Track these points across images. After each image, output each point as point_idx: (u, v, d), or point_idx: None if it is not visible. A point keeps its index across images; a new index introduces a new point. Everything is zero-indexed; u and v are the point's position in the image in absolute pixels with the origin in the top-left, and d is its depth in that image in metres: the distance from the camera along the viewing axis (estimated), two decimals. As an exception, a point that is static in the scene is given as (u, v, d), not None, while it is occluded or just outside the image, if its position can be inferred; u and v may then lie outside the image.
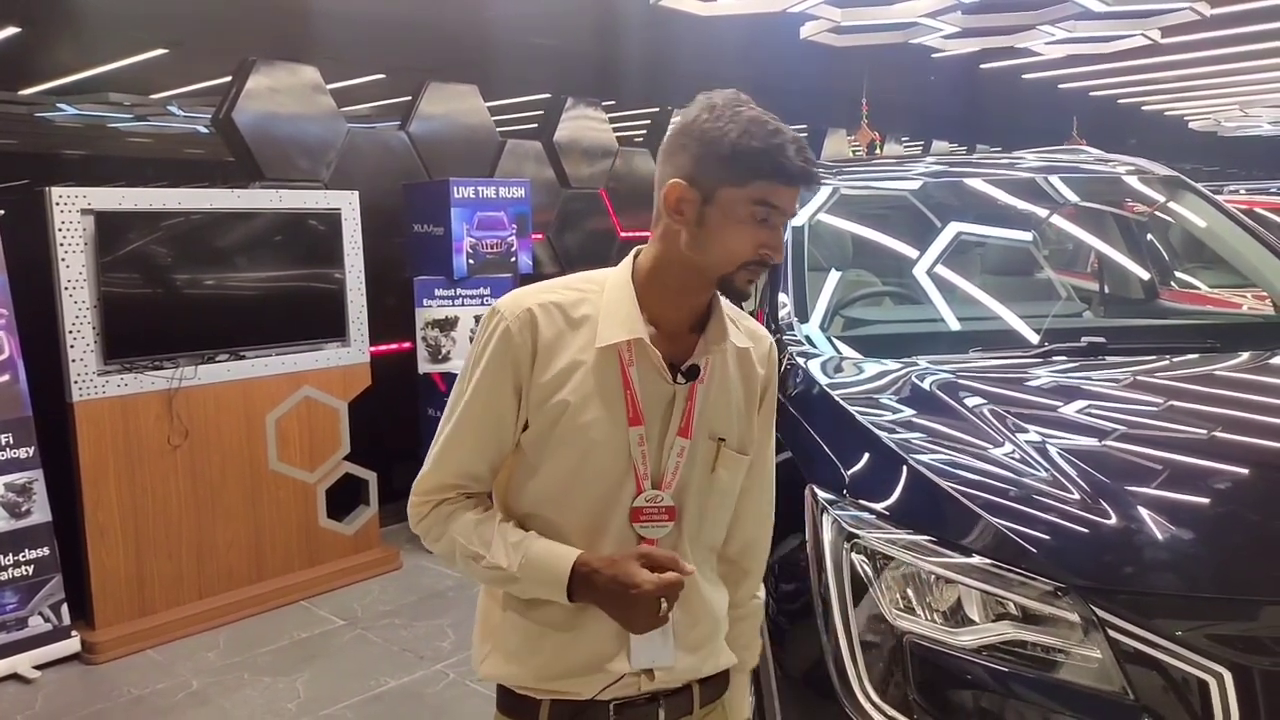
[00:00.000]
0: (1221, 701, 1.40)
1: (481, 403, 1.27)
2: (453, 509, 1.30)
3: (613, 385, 1.25)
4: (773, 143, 1.19)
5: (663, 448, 1.28)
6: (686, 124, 1.24)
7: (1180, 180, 3.37)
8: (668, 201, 1.23)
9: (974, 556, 1.59)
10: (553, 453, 1.26)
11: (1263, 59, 8.82)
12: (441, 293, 4.67)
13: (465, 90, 5.66)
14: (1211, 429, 1.98)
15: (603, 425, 1.25)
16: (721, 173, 1.20)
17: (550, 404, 1.24)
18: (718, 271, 1.23)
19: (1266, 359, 2.41)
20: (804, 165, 1.20)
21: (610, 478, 1.27)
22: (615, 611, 1.23)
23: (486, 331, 1.27)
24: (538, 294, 1.28)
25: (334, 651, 3.67)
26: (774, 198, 1.20)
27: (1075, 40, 6.03)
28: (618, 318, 1.26)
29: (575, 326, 1.26)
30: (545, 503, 1.29)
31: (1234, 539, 1.61)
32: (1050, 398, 2.18)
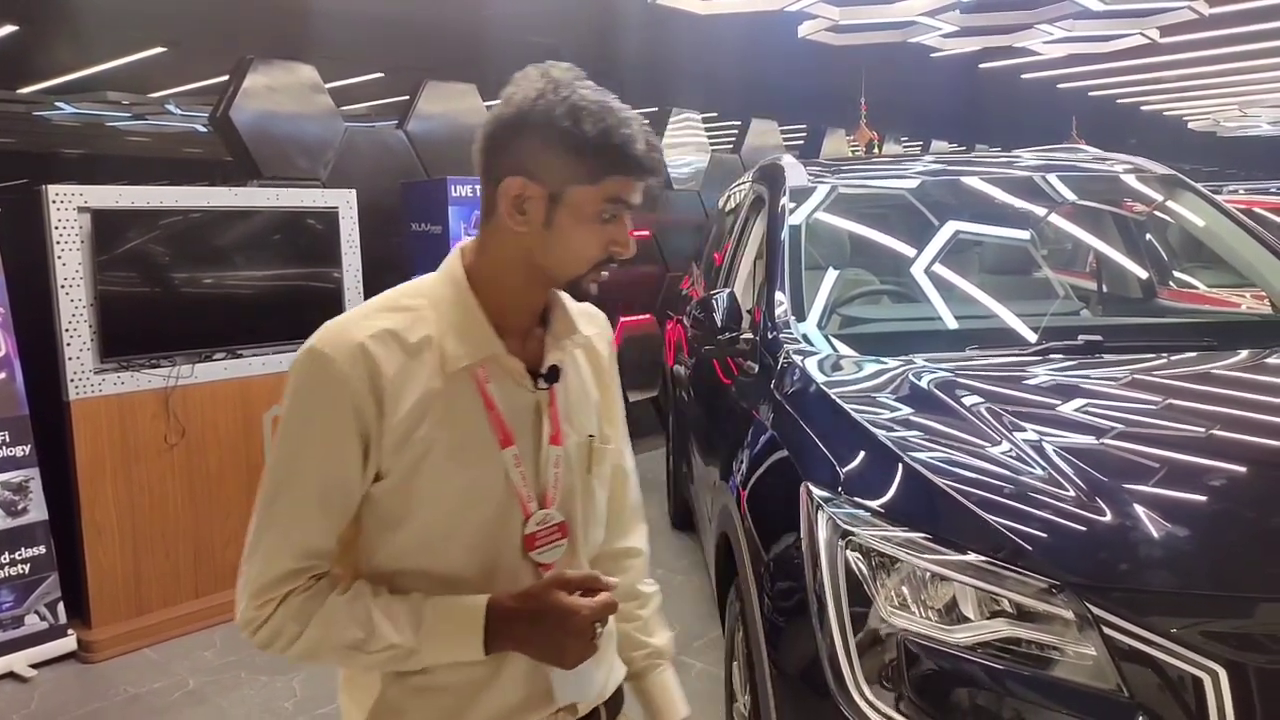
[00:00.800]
0: (1216, 699, 1.39)
1: (321, 465, 1.08)
2: (304, 599, 1.09)
3: (473, 409, 1.12)
4: (625, 134, 1.08)
5: (539, 462, 1.17)
6: (522, 109, 1.08)
7: (1178, 179, 3.37)
8: (505, 200, 1.09)
9: (969, 554, 1.59)
10: (422, 499, 1.10)
11: (1261, 59, 8.83)
12: (439, 291, 4.67)
13: (463, 89, 5.65)
14: (1209, 427, 1.97)
15: (472, 454, 1.12)
16: (572, 170, 1.07)
17: (409, 445, 1.08)
18: (567, 275, 1.13)
19: (1264, 357, 2.40)
20: (655, 157, 1.11)
21: (492, 508, 1.13)
22: (545, 649, 1.11)
23: (309, 378, 1.08)
24: (363, 323, 1.10)
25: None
26: (626, 193, 1.10)
27: (1074, 39, 6.03)
28: (464, 334, 1.12)
29: (416, 353, 1.10)
30: (420, 553, 1.12)
31: (1230, 536, 1.61)
32: (1047, 396, 2.18)
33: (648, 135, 1.10)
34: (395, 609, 1.09)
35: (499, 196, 1.10)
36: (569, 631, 1.09)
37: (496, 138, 1.10)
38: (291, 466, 1.10)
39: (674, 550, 4.64)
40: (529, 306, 1.18)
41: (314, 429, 1.08)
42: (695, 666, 3.43)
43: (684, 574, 4.33)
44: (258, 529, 1.10)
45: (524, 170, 1.08)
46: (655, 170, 1.11)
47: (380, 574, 1.14)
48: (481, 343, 1.13)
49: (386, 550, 1.13)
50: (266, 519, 1.10)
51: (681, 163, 7.16)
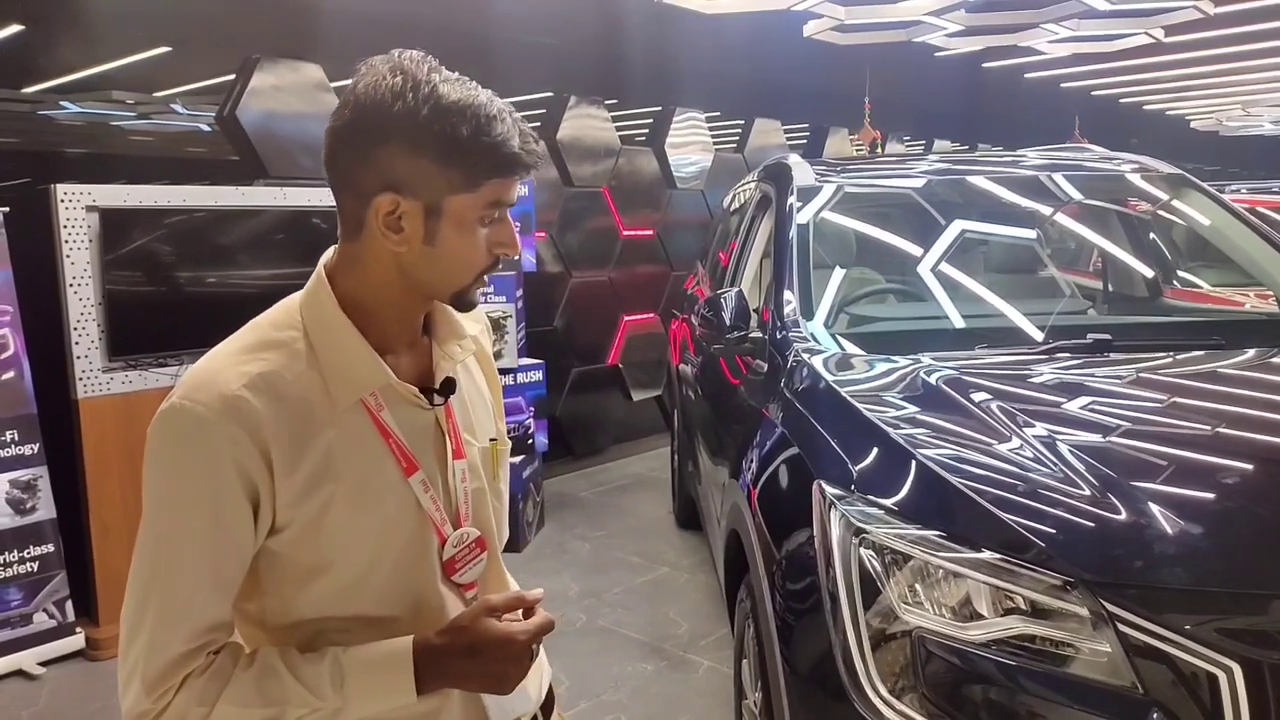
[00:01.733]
0: (1231, 695, 1.40)
1: (206, 535, 0.97)
2: (206, 679, 0.98)
3: (370, 442, 1.04)
4: (500, 132, 0.99)
5: (447, 481, 1.11)
6: (380, 113, 0.97)
7: (1184, 178, 3.38)
8: (379, 220, 1.00)
9: (983, 551, 1.60)
10: (332, 547, 1.02)
11: (1264, 58, 8.83)
12: (445, 290, 4.67)
13: (468, 88, 5.65)
14: (1218, 425, 1.98)
15: (380, 490, 1.04)
16: (448, 179, 0.99)
17: (309, 498, 1.00)
18: (453, 288, 1.05)
19: (1271, 355, 2.41)
20: (533, 150, 1.03)
21: (405, 540, 1.07)
22: (484, 681, 1.06)
23: (180, 442, 0.97)
24: (232, 371, 0.99)
25: (338, 648, 3.67)
26: (507, 194, 1.03)
27: (1078, 39, 6.04)
28: (350, 365, 1.03)
29: (300, 396, 1.01)
30: (336, 601, 1.05)
31: (1243, 533, 1.61)
32: (1057, 394, 2.19)
33: (520, 126, 1.02)
34: (311, 671, 1.00)
35: (369, 215, 1.00)
36: (508, 658, 1.05)
37: (353, 146, 1.00)
38: (170, 541, 0.98)
39: (679, 549, 4.65)
40: (410, 322, 1.11)
41: (192, 497, 0.97)
42: (702, 664, 3.44)
43: (689, 572, 4.34)
44: (138, 612, 0.99)
45: (393, 184, 0.99)
46: (535, 164, 1.05)
47: (293, 627, 1.06)
48: (369, 373, 1.04)
49: (299, 605, 1.05)
50: (147, 601, 0.98)
51: (686, 162, 7.16)
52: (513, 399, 4.80)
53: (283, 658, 1.01)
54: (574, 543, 4.83)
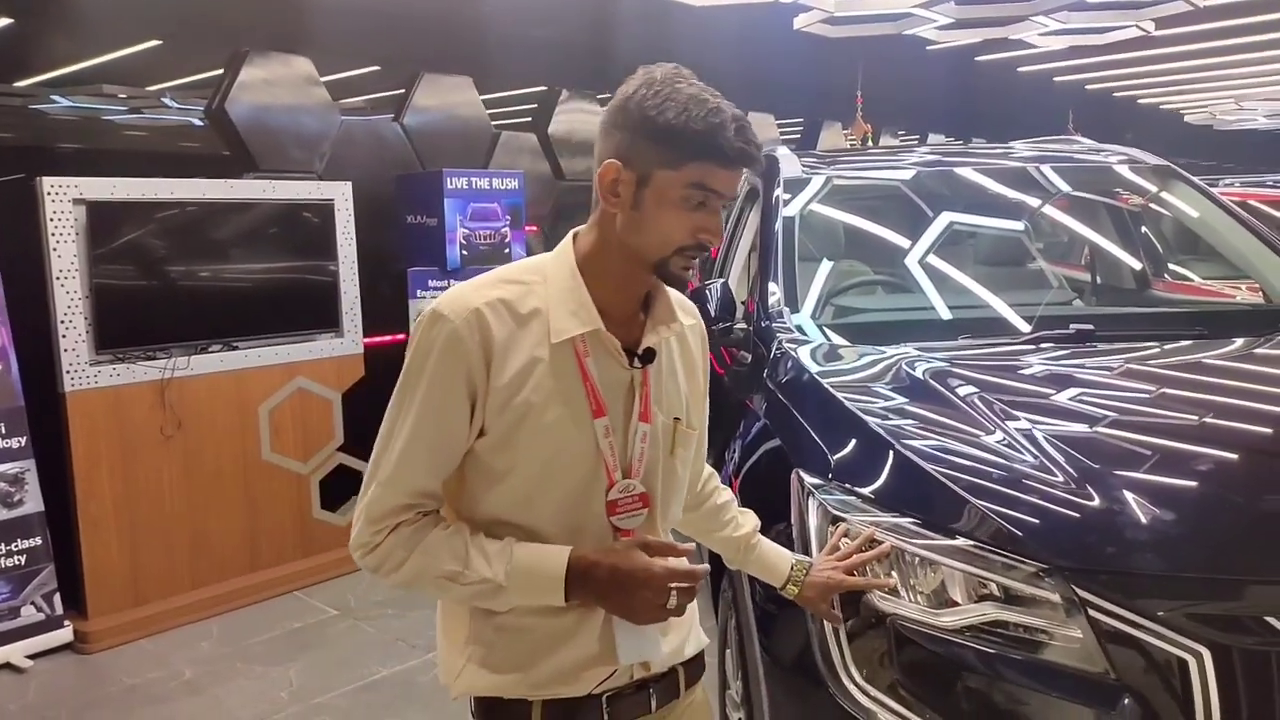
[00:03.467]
0: (1201, 680, 1.40)
1: (434, 415, 1.19)
2: (412, 530, 1.20)
3: (571, 379, 1.21)
4: (711, 122, 1.15)
5: (627, 435, 1.26)
6: (623, 100, 1.19)
7: (1172, 170, 3.38)
8: (603, 183, 1.20)
9: (957, 538, 1.60)
10: (518, 456, 1.20)
11: (1256, 51, 8.83)
12: (435, 284, 4.67)
13: (460, 82, 5.65)
14: (1198, 414, 1.98)
15: (567, 421, 1.21)
16: (656, 154, 1.16)
17: (511, 407, 1.18)
18: (653, 256, 1.20)
19: (1256, 346, 2.42)
20: (743, 146, 1.16)
21: (581, 473, 1.23)
22: (620, 604, 1.20)
23: (430, 337, 1.19)
24: (481, 291, 1.21)
25: (327, 641, 3.68)
26: (711, 180, 1.16)
27: (1069, 31, 6.03)
28: (569, 309, 1.21)
29: (525, 323, 1.20)
30: (514, 508, 1.23)
31: (1216, 520, 1.62)
32: (1038, 384, 2.19)
33: (740, 125, 1.16)
34: (488, 547, 1.19)
35: (596, 180, 1.21)
36: (645, 587, 1.18)
37: (603, 126, 1.22)
38: (407, 413, 1.20)
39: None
40: (631, 292, 1.26)
41: (429, 382, 1.18)
42: (690, 656, 3.44)
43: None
44: (375, 463, 1.22)
45: (618, 155, 1.18)
46: (742, 160, 1.16)
47: (478, 524, 1.24)
48: (585, 318, 1.21)
49: (485, 503, 1.23)
50: (383, 456, 1.21)
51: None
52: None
53: (470, 530, 1.22)
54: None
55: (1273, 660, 1.40)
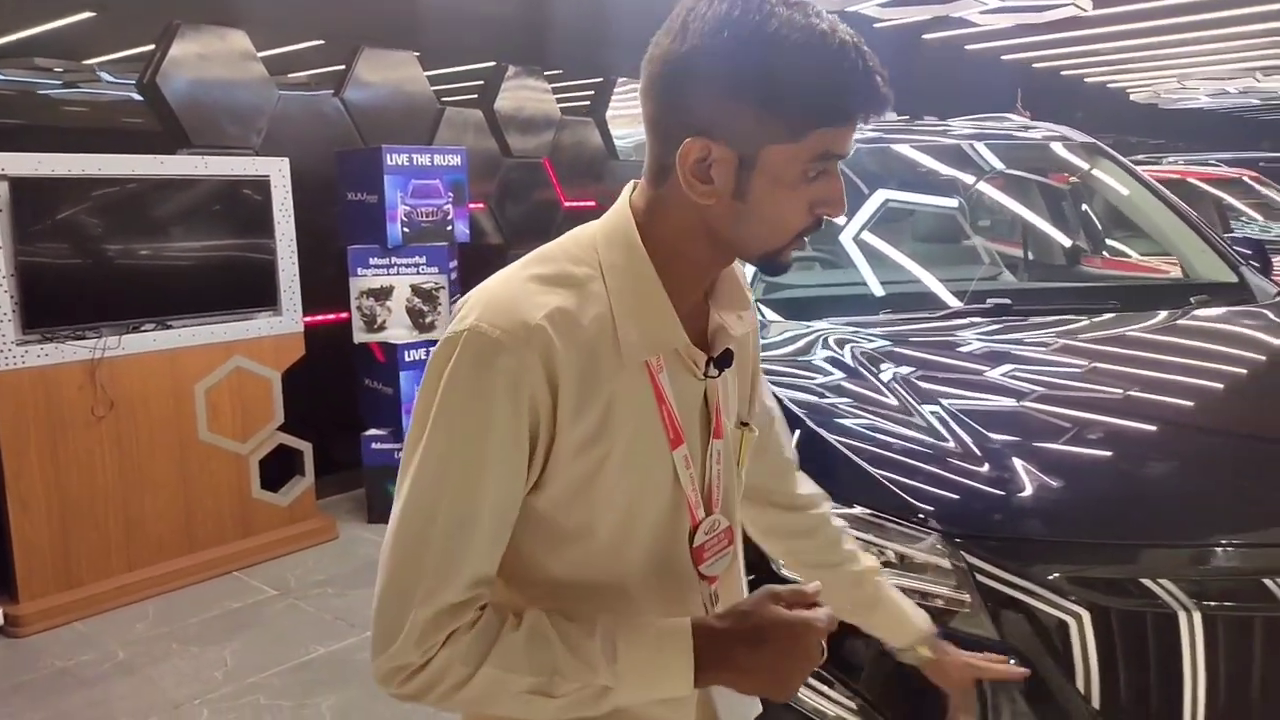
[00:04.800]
0: (1080, 641, 1.46)
1: (495, 476, 0.88)
2: (473, 636, 0.89)
3: (645, 403, 0.94)
4: (835, 74, 0.85)
5: (704, 461, 1.01)
6: (702, 44, 0.86)
7: (1099, 148, 3.45)
8: (684, 165, 0.88)
9: (855, 507, 1.64)
10: (595, 510, 0.93)
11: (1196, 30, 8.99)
12: (376, 261, 4.63)
13: (403, 57, 5.58)
14: (1101, 385, 2.04)
15: (648, 459, 0.95)
16: (769, 126, 0.86)
17: (586, 455, 0.91)
18: (764, 249, 0.93)
19: (1168, 320, 2.48)
20: (875, 89, 0.87)
21: (661, 516, 0.97)
22: (768, 677, 0.92)
23: (476, 371, 0.87)
24: (533, 299, 0.89)
25: (265, 621, 3.67)
26: (839, 145, 0.88)
27: (1008, 10, 6.10)
28: (645, 320, 0.92)
29: (592, 340, 0.90)
30: (590, 570, 0.95)
31: (1099, 487, 1.67)
32: (949, 357, 2.24)
33: (864, 60, 0.86)
34: (584, 641, 0.90)
35: (677, 161, 0.89)
36: (800, 652, 0.91)
37: (668, 82, 0.89)
38: (454, 477, 0.88)
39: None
40: (704, 281, 0.99)
41: (481, 430, 0.87)
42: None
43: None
44: (409, 558, 0.89)
45: (706, 128, 0.87)
46: (879, 102, 0.88)
47: (538, 593, 0.96)
48: (666, 332, 0.94)
49: (549, 568, 0.95)
50: (423, 544, 0.88)
51: (627, 133, 7.14)
52: (447, 371, 4.78)
53: (552, 623, 0.91)
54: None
55: (1147, 620, 1.45)
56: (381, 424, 4.71)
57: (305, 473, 4.50)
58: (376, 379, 4.80)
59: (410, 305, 4.66)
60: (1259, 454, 1.80)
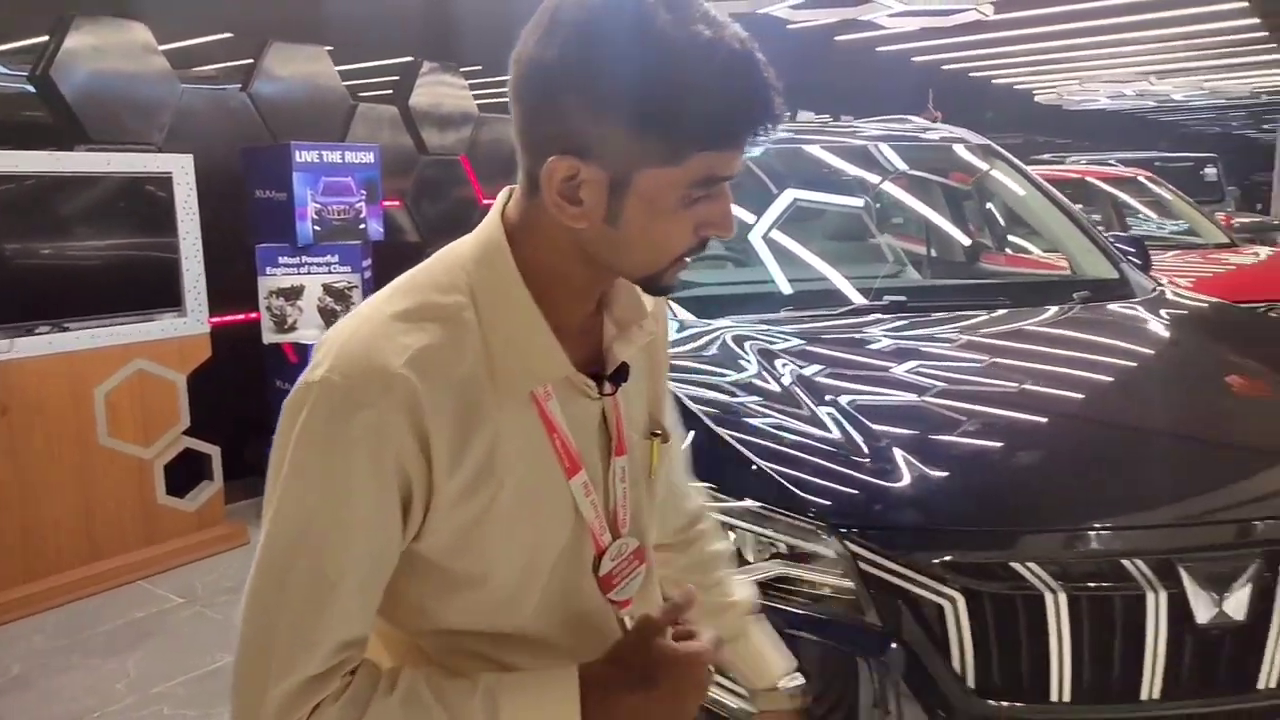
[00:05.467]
0: (956, 624, 1.52)
1: (358, 534, 0.81)
2: (341, 707, 0.81)
3: (534, 436, 0.87)
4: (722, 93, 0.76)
5: (607, 482, 0.94)
6: (574, 48, 0.77)
7: (993, 149, 3.58)
8: (550, 184, 0.80)
9: (745, 500, 1.69)
10: (487, 556, 0.86)
11: (1094, 35, 9.36)
12: (286, 260, 4.55)
13: (313, 51, 5.47)
14: (985, 377, 2.13)
15: (540, 493, 0.88)
16: (642, 147, 0.77)
17: (468, 503, 0.84)
18: (642, 273, 0.86)
19: (1055, 314, 2.59)
20: (768, 109, 0.79)
21: (561, 552, 0.91)
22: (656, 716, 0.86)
23: (330, 423, 0.79)
24: (393, 340, 0.81)
25: (170, 630, 3.58)
26: (722, 168, 0.80)
27: (914, 13, 6.27)
28: (527, 353, 0.85)
29: (465, 378, 0.83)
30: (486, 616, 0.89)
31: (976, 477, 1.75)
32: (843, 352, 2.31)
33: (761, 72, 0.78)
34: (462, 701, 0.82)
35: (542, 179, 0.81)
36: (690, 687, 0.86)
37: (533, 89, 0.81)
38: (309, 543, 0.80)
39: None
40: (590, 299, 0.91)
41: (347, 488, 0.80)
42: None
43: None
44: (262, 630, 0.81)
45: (575, 146, 0.78)
46: (779, 121, 0.79)
47: (432, 637, 0.91)
48: (548, 362, 0.86)
49: (440, 614, 0.89)
50: (276, 614, 0.80)
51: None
52: (362, 371, 4.72)
53: (429, 684, 0.83)
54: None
55: (1017, 602, 1.53)
56: (293, 426, 4.62)
57: (214, 477, 4.39)
58: (288, 380, 4.70)
59: (322, 305, 4.59)
60: (1126, 442, 1.91)
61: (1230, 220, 8.74)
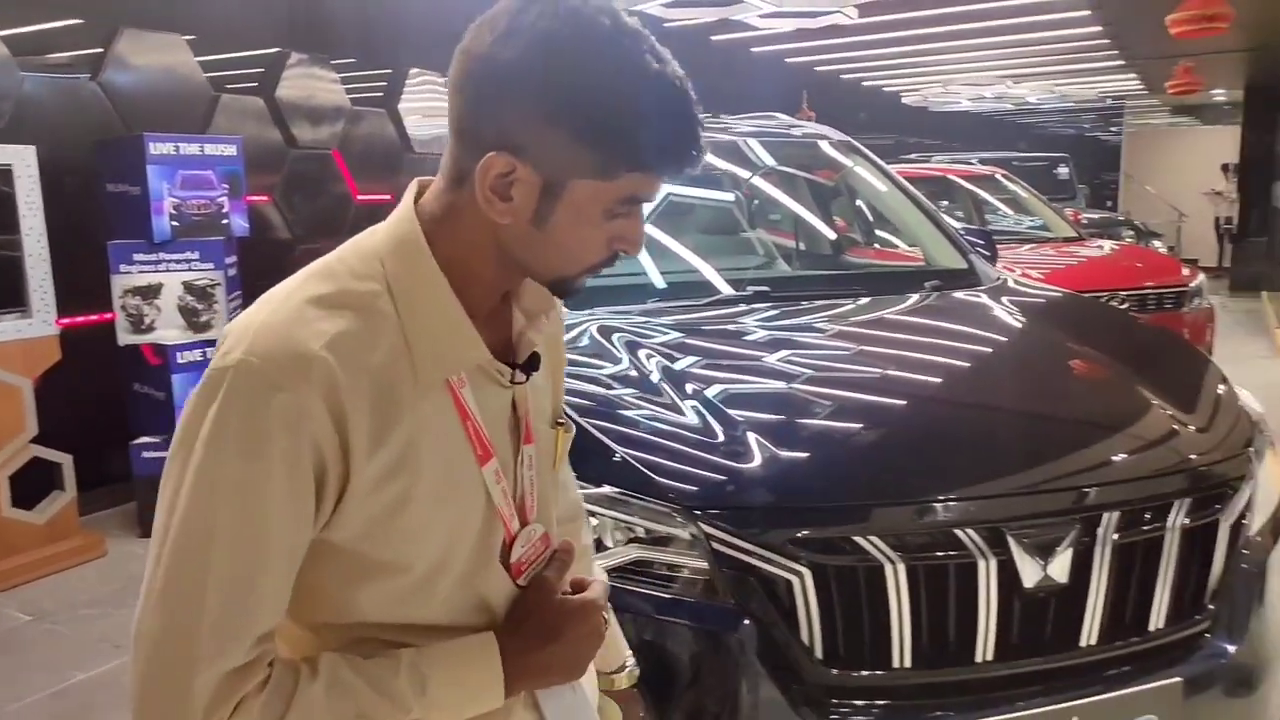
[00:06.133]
0: (804, 598, 1.59)
1: (277, 523, 0.81)
2: (265, 700, 0.81)
3: (447, 422, 0.89)
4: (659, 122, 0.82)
5: (516, 470, 0.96)
6: (528, 53, 0.81)
7: (855, 146, 3.71)
8: (486, 181, 0.83)
9: (604, 486, 1.71)
10: (401, 545, 0.87)
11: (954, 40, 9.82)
12: (141, 257, 4.33)
13: (170, 39, 5.24)
14: (840, 363, 2.22)
15: (454, 481, 0.89)
16: (579, 159, 0.82)
17: (386, 490, 0.85)
18: (554, 276, 0.90)
19: (916, 304, 2.71)
20: (696, 148, 0.86)
21: (474, 540, 0.92)
22: (565, 667, 0.95)
23: (245, 406, 0.79)
24: (305, 328, 0.82)
25: (18, 648, 3.37)
26: (648, 189, 0.86)
27: (783, 14, 6.45)
28: (444, 340, 0.87)
29: (381, 365, 0.84)
30: (398, 606, 0.90)
31: (824, 456, 1.83)
32: (710, 342, 2.37)
33: (692, 118, 0.85)
34: (388, 679, 0.85)
35: (477, 172, 0.83)
36: (587, 635, 0.95)
37: (481, 85, 0.83)
38: (225, 533, 0.79)
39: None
40: (497, 293, 0.94)
41: (255, 480, 0.79)
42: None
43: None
44: (179, 626, 0.79)
45: (515, 145, 0.82)
46: (695, 161, 0.86)
47: (342, 631, 0.90)
48: (465, 349, 0.89)
49: (354, 605, 0.89)
50: (195, 608, 0.79)
51: (423, 125, 7.02)
52: (228, 372, 4.54)
53: (351, 666, 0.85)
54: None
55: (859, 574, 1.60)
56: (153, 431, 4.42)
57: (65, 487, 4.16)
58: (147, 383, 4.50)
59: (183, 304, 4.39)
60: (964, 420, 2.02)
61: (1079, 216, 9.31)
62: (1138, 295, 5.71)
